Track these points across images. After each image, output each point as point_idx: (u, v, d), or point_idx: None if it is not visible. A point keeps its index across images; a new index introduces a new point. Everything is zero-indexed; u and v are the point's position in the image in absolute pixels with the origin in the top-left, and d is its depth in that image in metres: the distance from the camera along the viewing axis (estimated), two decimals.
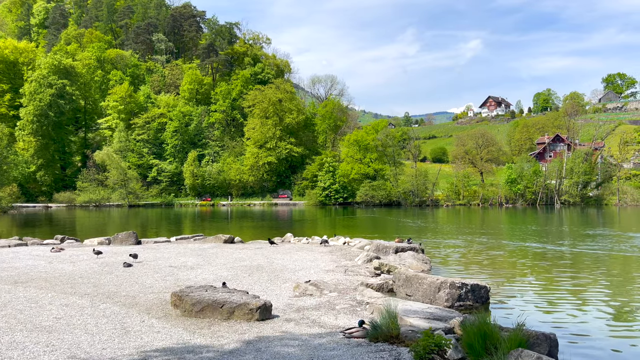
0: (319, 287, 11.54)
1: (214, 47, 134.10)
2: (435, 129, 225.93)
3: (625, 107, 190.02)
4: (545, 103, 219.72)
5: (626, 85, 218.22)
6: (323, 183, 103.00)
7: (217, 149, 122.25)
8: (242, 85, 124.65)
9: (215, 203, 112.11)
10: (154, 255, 19.21)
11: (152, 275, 14.36)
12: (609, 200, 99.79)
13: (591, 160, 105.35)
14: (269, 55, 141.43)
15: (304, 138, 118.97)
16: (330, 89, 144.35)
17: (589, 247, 24.79)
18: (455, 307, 10.10)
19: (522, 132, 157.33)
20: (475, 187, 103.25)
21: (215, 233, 32.39)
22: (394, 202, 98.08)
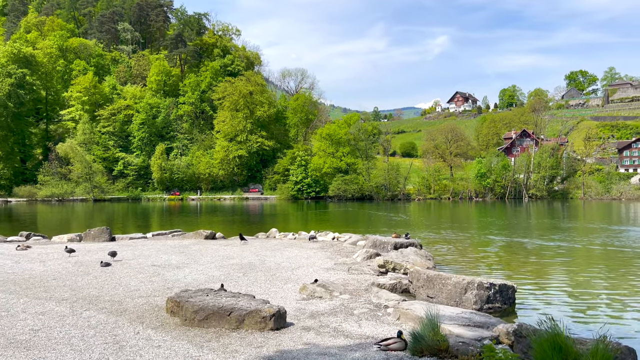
0: (328, 288, 10.49)
1: (182, 37, 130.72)
2: (404, 123, 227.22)
3: (587, 103, 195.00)
4: (511, 99, 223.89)
5: (588, 82, 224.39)
6: (295, 177, 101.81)
7: (185, 142, 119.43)
8: (211, 77, 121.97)
9: (184, 197, 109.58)
10: (132, 252, 17.77)
11: (135, 276, 13.03)
12: (574, 194, 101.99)
13: (557, 155, 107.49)
14: (239, 47, 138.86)
15: (275, 131, 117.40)
16: (300, 83, 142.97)
17: (580, 242, 24.53)
18: (484, 310, 9.23)
19: (490, 127, 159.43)
20: (446, 182, 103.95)
21: (185, 228, 30.95)
22: (367, 196, 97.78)
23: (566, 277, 14.83)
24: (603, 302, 11.66)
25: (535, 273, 15.51)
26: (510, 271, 15.82)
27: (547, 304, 11.08)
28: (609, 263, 17.58)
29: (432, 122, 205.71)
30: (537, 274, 15.41)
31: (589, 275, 15.16)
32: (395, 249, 16.17)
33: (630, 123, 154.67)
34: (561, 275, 15.13)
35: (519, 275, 15.08)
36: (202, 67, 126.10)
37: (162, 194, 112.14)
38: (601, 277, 14.84)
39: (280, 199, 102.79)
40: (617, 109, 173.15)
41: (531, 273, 15.50)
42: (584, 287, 13.25)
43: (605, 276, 14.99)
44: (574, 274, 15.30)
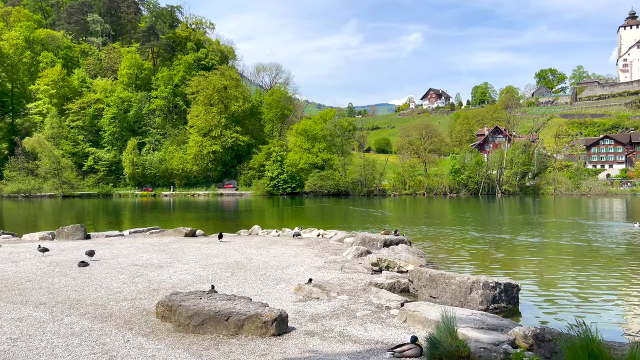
0: (325, 288, 10.03)
1: (154, 30, 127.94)
2: (378, 120, 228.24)
3: (556, 101, 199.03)
4: (483, 96, 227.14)
5: (557, 80, 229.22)
6: (271, 173, 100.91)
7: (158, 137, 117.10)
8: (184, 71, 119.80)
9: (156, 193, 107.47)
10: (110, 251, 16.97)
11: (116, 277, 12.33)
12: (545, 189, 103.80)
13: (529, 151, 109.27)
14: (213, 40, 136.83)
15: (251, 127, 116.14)
16: (275, 78, 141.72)
17: (563, 238, 24.65)
18: (490, 310, 8.91)
19: (463, 123, 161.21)
20: (421, 177, 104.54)
21: (159, 225, 30.12)
22: (343, 192, 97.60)
23: (561, 274, 14.68)
24: (603, 299, 11.51)
25: (529, 270, 15.34)
26: (504, 268, 15.63)
27: (549, 302, 10.83)
28: (599, 260, 17.58)
29: (406, 119, 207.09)
30: (531, 271, 15.25)
31: (583, 272, 15.07)
32: (386, 246, 15.81)
33: (598, 121, 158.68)
34: (555, 272, 14.98)
35: (512, 272, 14.89)
36: (175, 61, 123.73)
37: (134, 189, 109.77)
38: (596, 274, 14.76)
39: (255, 194, 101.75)
40: (585, 107, 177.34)
41: (524, 270, 15.33)
42: (582, 285, 13.11)
43: (600, 273, 14.92)
44: (568, 271, 15.19)
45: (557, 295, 11.80)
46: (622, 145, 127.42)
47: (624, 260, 17.26)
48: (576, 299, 11.35)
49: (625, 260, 17.26)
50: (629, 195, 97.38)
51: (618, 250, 19.82)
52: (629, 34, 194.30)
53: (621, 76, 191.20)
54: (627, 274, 14.62)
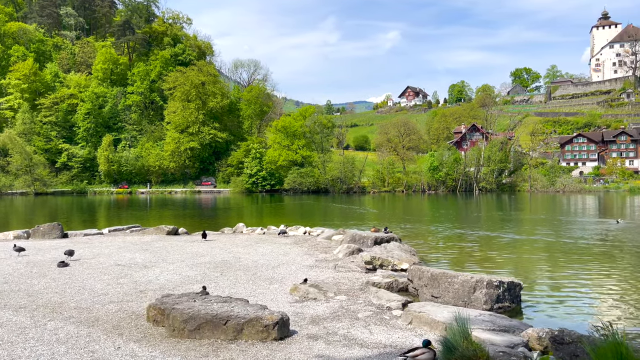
0: (321, 288, 9.67)
1: (130, 24, 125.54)
2: (356, 117, 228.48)
3: (531, 99, 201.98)
4: (460, 94, 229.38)
5: (532, 79, 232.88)
6: (250, 170, 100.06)
7: (134, 134, 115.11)
8: (161, 67, 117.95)
9: (133, 190, 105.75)
10: (90, 251, 16.31)
11: (99, 278, 11.75)
12: (521, 186, 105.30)
13: (506, 149, 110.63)
14: (190, 36, 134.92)
15: (229, 123, 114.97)
16: (253, 74, 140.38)
17: (550, 235, 24.75)
18: (494, 310, 8.66)
19: (440, 121, 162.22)
20: (400, 175, 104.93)
21: (134, 222, 29.34)
22: (322, 189, 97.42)
23: (556, 272, 14.57)
24: (603, 296, 11.41)
25: (522, 268, 15.23)
26: (496, 267, 15.48)
27: (551, 301, 10.63)
28: (588, 256, 17.60)
29: (384, 116, 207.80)
30: (524, 268, 15.13)
31: (577, 269, 15.01)
32: (376, 244, 15.52)
33: (571, 119, 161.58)
34: (551, 270, 14.87)
35: (505, 270, 14.75)
36: (152, 56, 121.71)
37: (110, 187, 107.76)
38: (589, 270, 14.72)
39: (234, 192, 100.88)
40: (559, 106, 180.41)
41: (517, 268, 15.21)
42: (580, 282, 13.00)
43: (593, 269, 14.89)
44: (562, 268, 15.11)
45: (556, 293, 11.63)
46: (594, 144, 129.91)
47: (613, 256, 17.31)
48: (577, 297, 11.21)
49: (614, 256, 17.32)
50: (602, 192, 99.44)
51: (604, 246, 19.92)
52: (601, 34, 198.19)
53: (593, 75, 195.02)
54: (621, 270, 14.62)
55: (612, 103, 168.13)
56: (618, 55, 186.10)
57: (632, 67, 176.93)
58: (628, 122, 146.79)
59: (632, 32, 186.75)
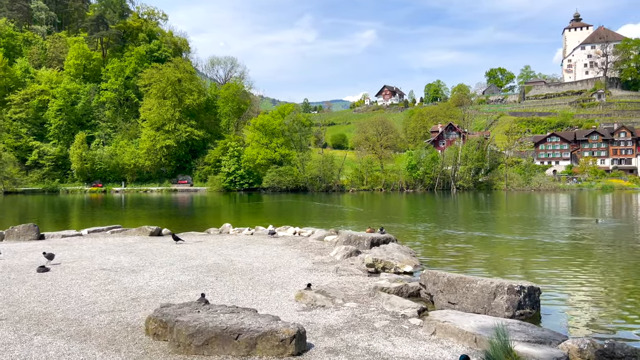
0: (328, 295, 9.09)
1: (103, 19, 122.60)
2: (334, 116, 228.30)
3: (505, 99, 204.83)
4: (436, 93, 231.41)
5: (506, 79, 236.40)
6: (227, 168, 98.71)
7: (108, 131, 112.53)
8: (136, 63, 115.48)
9: (107, 189, 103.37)
10: (70, 254, 15.38)
11: (85, 284, 10.94)
12: (497, 185, 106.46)
13: (483, 148, 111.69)
14: (166, 32, 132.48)
15: (206, 121, 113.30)
16: (230, 72, 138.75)
17: (544, 235, 24.62)
18: (516, 317, 8.19)
19: (417, 120, 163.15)
20: (378, 173, 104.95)
21: (108, 222, 28.30)
22: (301, 188, 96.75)
23: (561, 274, 14.24)
24: (614, 300, 11.09)
25: (525, 270, 14.89)
26: (497, 268, 15.12)
27: (567, 305, 10.19)
28: (582, 258, 17.41)
29: (361, 115, 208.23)
30: (528, 270, 14.79)
31: (578, 271, 14.75)
32: (373, 245, 15.01)
33: (544, 119, 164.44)
34: (554, 272, 14.53)
35: (509, 272, 14.39)
36: (126, 52, 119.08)
37: (83, 185, 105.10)
38: (589, 271, 14.46)
39: (211, 190, 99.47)
40: (533, 106, 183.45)
41: (520, 270, 14.86)
42: (587, 285, 12.69)
43: (594, 271, 14.64)
44: (565, 270, 14.83)
45: (569, 298, 11.20)
46: (567, 143, 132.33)
47: (614, 256, 17.17)
48: (594, 301, 10.74)
49: (614, 256, 17.17)
50: (576, 190, 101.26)
51: (599, 247, 19.83)
52: (573, 36, 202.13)
53: (566, 76, 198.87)
54: (626, 271, 14.42)
55: (584, 103, 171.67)
56: (589, 57, 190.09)
57: (602, 68, 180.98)
58: (599, 122, 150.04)
59: (603, 34, 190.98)
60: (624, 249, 18.79)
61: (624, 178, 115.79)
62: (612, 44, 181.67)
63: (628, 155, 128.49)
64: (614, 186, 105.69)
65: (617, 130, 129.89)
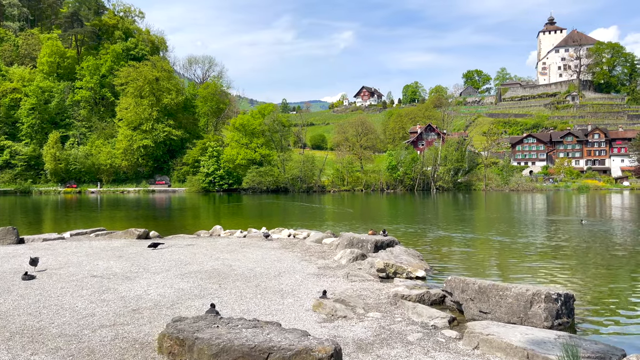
0: (348, 304, 8.47)
1: (78, 16, 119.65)
2: (312, 116, 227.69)
3: (482, 101, 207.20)
4: (414, 95, 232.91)
5: (482, 81, 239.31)
6: (206, 169, 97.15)
7: (83, 130, 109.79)
8: (112, 61, 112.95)
9: (82, 190, 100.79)
10: (55, 259, 14.42)
11: (77, 293, 10.08)
12: (477, 185, 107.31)
13: (462, 149, 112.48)
14: (143, 30, 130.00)
15: (184, 120, 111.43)
16: (208, 71, 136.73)
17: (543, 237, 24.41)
18: (555, 327, 7.69)
19: (396, 121, 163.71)
20: (359, 174, 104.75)
21: (84, 224, 27.21)
22: (282, 188, 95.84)
23: (574, 279, 13.91)
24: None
25: (537, 274, 14.49)
26: (504, 271, 14.69)
27: (596, 314, 9.69)
28: (586, 260, 17.13)
29: (340, 116, 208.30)
30: (540, 275, 14.40)
31: (592, 274, 14.42)
32: (377, 248, 14.41)
33: (520, 120, 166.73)
34: (567, 276, 14.20)
35: (518, 275, 13.97)
36: (102, 50, 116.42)
37: (57, 186, 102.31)
38: (599, 274, 14.13)
39: (190, 191, 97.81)
40: (509, 107, 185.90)
41: (532, 274, 14.47)
42: (604, 289, 12.33)
43: (612, 274, 14.32)
44: (574, 274, 14.47)
45: (597, 305, 10.78)
46: (543, 144, 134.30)
47: (612, 259, 16.95)
48: (615, 307, 10.37)
49: (611, 260, 16.95)
50: (553, 190, 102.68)
51: (599, 249, 19.65)
52: (547, 39, 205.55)
53: (540, 79, 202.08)
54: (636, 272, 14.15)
55: (558, 105, 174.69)
56: (563, 60, 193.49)
57: (576, 71, 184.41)
58: (573, 123, 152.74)
59: (576, 38, 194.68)
60: (624, 252, 18.63)
61: (598, 178, 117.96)
62: (585, 47, 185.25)
63: (602, 157, 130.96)
64: (590, 186, 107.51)
65: (591, 132, 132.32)
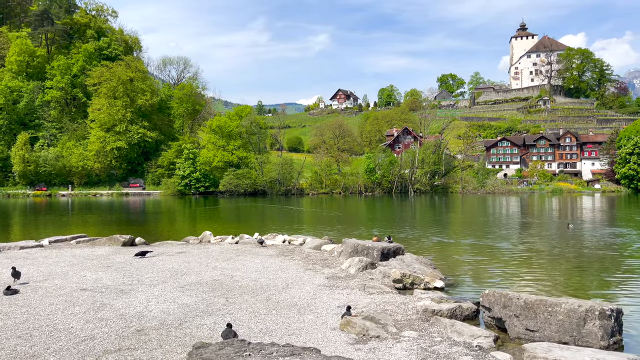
0: (379, 321, 7.73)
1: (48, 14, 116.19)
2: (288, 118, 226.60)
3: (456, 104, 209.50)
4: (389, 98, 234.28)
5: (456, 85, 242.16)
6: (182, 171, 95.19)
7: (54, 132, 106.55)
8: (84, 61, 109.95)
9: (52, 193, 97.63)
10: (37, 270, 13.29)
11: (70, 310, 9.08)
12: (453, 188, 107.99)
13: (439, 152, 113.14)
14: (116, 29, 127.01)
15: (159, 122, 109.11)
16: (183, 72, 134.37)
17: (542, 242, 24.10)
18: (610, 347, 7.11)
19: (373, 124, 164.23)
20: (337, 177, 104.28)
21: (53, 229, 25.90)
22: (260, 191, 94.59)
23: (588, 287, 13.44)
24: None
25: (542, 281, 13.99)
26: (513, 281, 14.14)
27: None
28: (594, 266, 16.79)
29: (316, 118, 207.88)
30: (545, 283, 13.91)
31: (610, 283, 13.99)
32: (383, 255, 13.72)
33: (494, 124, 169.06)
34: (579, 284, 13.72)
35: (519, 283, 13.45)
36: (74, 49, 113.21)
37: (26, 189, 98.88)
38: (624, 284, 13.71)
39: (165, 194, 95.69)
40: (483, 111, 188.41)
41: (536, 282, 13.96)
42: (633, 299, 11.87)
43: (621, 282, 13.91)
44: (587, 282, 14.03)
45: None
46: (517, 147, 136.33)
47: (623, 267, 16.65)
48: None
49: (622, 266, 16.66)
50: (528, 193, 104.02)
51: (601, 255, 19.39)
52: (519, 44, 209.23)
53: (513, 83, 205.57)
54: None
55: (531, 109, 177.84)
56: (535, 65, 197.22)
57: (547, 75, 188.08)
58: (545, 127, 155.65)
59: (547, 43, 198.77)
60: (623, 255, 18.41)
61: (570, 181, 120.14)
62: (556, 53, 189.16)
63: (573, 160, 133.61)
64: (563, 189, 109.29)
65: (563, 136, 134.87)
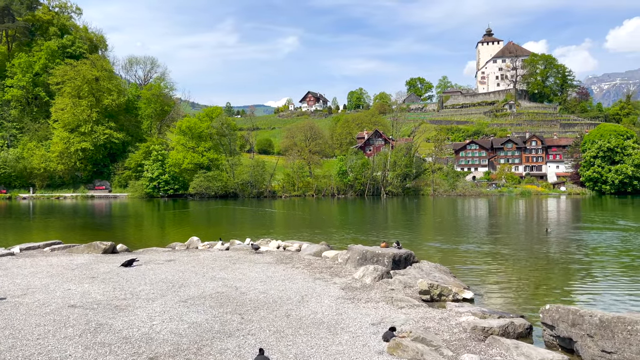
0: (430, 343, 6.81)
1: (9, 10, 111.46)
2: (258, 120, 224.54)
3: (425, 108, 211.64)
4: (358, 101, 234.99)
5: (425, 89, 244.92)
6: (150, 173, 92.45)
7: (14, 132, 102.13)
8: (47, 59, 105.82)
9: (12, 196, 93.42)
10: (13, 282, 11.84)
11: (62, 333, 7.82)
12: (425, 190, 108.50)
13: (410, 154, 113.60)
14: (80, 27, 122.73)
15: (126, 123, 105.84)
16: (150, 72, 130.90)
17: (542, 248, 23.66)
18: None
19: (343, 126, 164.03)
20: (309, 179, 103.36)
21: (15, 236, 24.17)
22: (231, 194, 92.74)
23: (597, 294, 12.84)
24: None
25: (550, 290, 13.37)
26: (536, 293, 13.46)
27: None
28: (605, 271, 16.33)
29: (286, 120, 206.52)
30: (553, 291, 13.28)
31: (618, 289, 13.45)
32: (395, 263, 12.82)
33: (462, 127, 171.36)
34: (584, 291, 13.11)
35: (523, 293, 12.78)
36: (35, 47, 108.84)
37: None
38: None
39: (132, 197, 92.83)
40: (451, 114, 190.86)
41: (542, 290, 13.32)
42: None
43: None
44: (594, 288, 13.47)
45: None
46: (485, 150, 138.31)
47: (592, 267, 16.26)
48: None
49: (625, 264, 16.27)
50: (497, 195, 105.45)
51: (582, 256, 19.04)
52: (486, 50, 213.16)
53: (480, 87, 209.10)
54: None
55: (497, 113, 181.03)
56: (501, 70, 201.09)
57: (512, 80, 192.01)
58: (511, 130, 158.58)
59: (512, 49, 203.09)
60: (621, 260, 18.10)
61: (536, 184, 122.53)
62: (521, 59, 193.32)
63: (539, 163, 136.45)
64: (531, 192, 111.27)
65: (529, 139, 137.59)
